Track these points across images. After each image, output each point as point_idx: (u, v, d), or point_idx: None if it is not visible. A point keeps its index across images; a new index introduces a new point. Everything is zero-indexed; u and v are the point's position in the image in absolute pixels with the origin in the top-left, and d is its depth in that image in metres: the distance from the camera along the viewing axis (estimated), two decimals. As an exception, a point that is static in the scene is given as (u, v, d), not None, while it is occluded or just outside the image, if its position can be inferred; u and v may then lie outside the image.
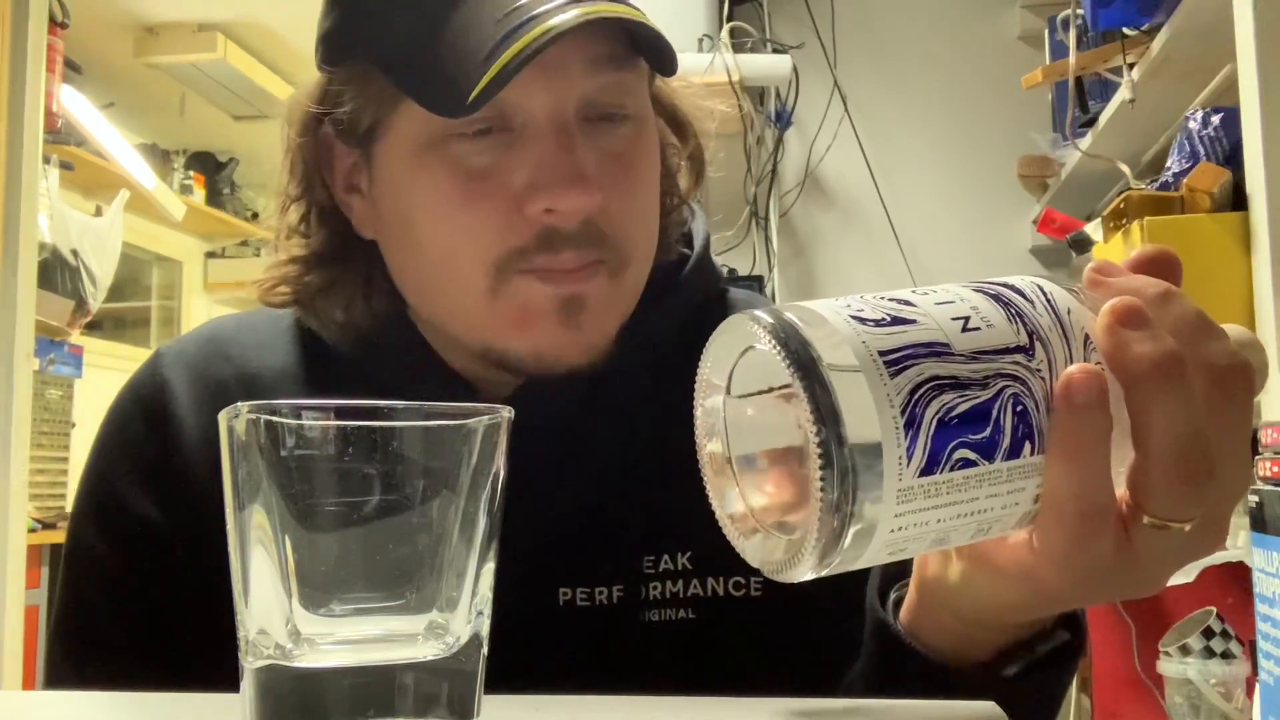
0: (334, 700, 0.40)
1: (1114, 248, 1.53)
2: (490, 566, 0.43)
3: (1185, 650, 1.35)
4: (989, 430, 0.40)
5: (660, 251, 0.73)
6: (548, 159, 0.64)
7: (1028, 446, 0.41)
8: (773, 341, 0.39)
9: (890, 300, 0.42)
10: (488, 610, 0.43)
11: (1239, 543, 1.53)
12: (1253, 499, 0.78)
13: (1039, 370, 0.41)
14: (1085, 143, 2.08)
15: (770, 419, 0.41)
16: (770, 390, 0.41)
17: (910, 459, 0.38)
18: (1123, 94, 1.79)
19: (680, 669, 0.67)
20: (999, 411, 0.40)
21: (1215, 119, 1.47)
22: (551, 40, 0.60)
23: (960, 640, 0.53)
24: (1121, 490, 0.43)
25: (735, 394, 0.43)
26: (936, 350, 0.40)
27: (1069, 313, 0.43)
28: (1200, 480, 0.42)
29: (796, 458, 0.39)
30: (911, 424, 0.38)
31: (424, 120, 0.64)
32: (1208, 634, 1.34)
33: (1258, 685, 0.80)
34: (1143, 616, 1.60)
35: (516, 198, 0.64)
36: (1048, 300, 0.43)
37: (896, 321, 0.40)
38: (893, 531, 0.39)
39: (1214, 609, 1.37)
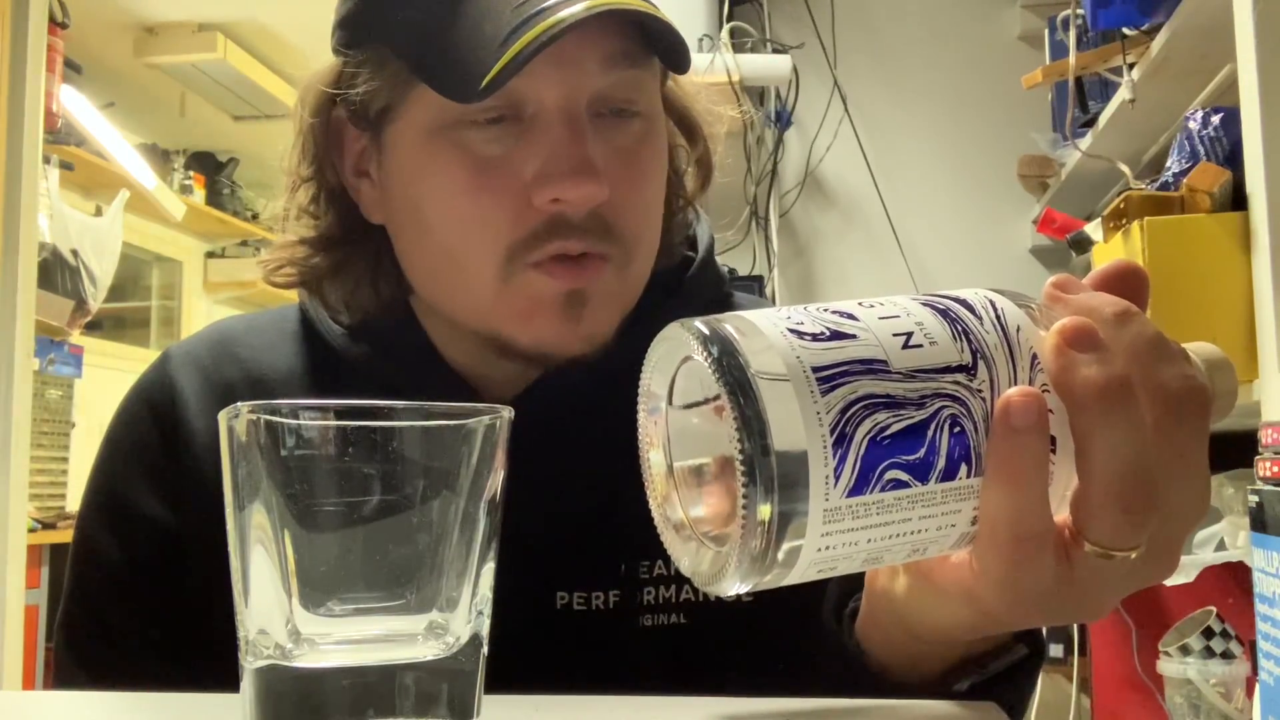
0: (334, 700, 0.40)
1: (1114, 248, 1.53)
2: (490, 567, 0.43)
3: (1185, 650, 1.35)
4: (923, 451, 0.39)
5: (664, 254, 0.73)
6: (558, 150, 0.64)
7: (964, 468, 0.40)
8: (704, 351, 0.38)
9: (833, 313, 0.40)
10: (488, 610, 0.43)
11: (1239, 543, 1.53)
12: (1253, 499, 0.78)
13: (980, 390, 0.40)
14: (1085, 143, 2.08)
15: (709, 429, 0.40)
16: (708, 400, 0.40)
17: (839, 478, 0.37)
18: (1123, 94, 1.79)
19: (673, 673, 0.67)
20: (935, 432, 0.39)
21: (1215, 119, 1.47)
22: (565, 30, 0.60)
23: (909, 654, 0.53)
24: (1065, 515, 0.42)
25: (677, 403, 0.42)
26: (873, 367, 0.39)
27: (1018, 330, 0.42)
28: (1141, 511, 0.40)
29: (732, 470, 0.38)
30: (841, 442, 0.37)
31: (436, 105, 0.65)
32: (1208, 634, 1.34)
33: (1258, 685, 0.80)
34: (1143, 616, 1.60)
35: (526, 187, 0.64)
36: (997, 316, 0.42)
37: (835, 336, 0.39)
38: (820, 550, 0.38)
39: (1214, 609, 1.37)
